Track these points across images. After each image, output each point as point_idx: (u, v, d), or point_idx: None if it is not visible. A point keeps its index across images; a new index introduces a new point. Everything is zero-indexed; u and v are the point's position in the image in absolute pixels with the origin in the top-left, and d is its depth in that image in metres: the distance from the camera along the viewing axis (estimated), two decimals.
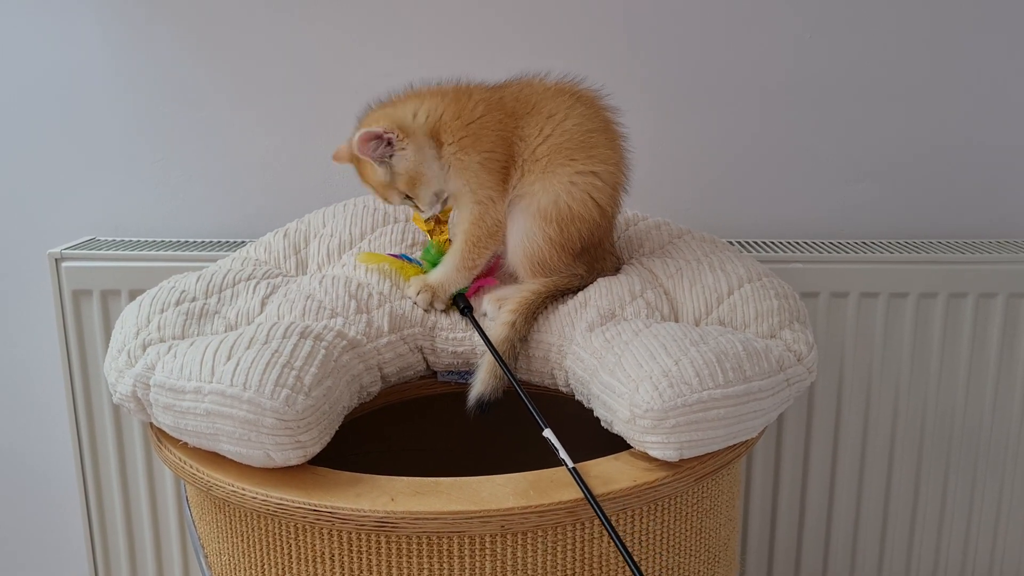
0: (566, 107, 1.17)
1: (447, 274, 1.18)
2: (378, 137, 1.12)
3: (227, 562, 1.01)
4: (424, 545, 0.90)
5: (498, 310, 1.16)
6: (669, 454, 0.93)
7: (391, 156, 1.13)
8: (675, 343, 0.99)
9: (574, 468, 0.92)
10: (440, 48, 1.60)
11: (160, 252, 1.53)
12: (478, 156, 1.14)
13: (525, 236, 1.16)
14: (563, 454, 0.94)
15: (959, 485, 1.60)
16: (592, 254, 1.20)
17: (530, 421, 1.00)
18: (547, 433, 0.96)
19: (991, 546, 1.63)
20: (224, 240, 1.63)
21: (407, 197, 1.17)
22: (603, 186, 1.16)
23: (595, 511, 0.89)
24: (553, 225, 1.15)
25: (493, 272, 1.22)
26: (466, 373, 1.15)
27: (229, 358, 0.94)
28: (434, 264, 1.21)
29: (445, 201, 1.18)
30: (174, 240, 1.63)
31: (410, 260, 1.22)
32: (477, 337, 1.13)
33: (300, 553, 0.93)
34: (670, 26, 1.59)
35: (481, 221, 1.16)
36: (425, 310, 1.16)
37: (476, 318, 1.15)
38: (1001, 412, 1.57)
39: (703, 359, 0.96)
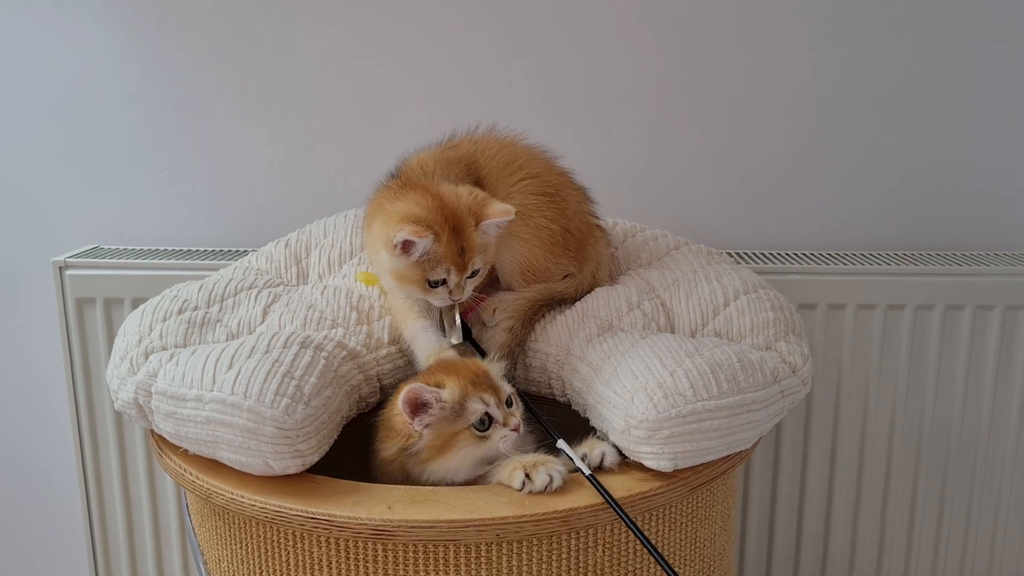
0: (489, 155, 1.22)
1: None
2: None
3: (226, 569, 1.02)
4: (420, 553, 0.91)
5: (492, 314, 1.18)
6: (663, 464, 0.94)
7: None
8: (670, 354, 1.00)
9: (591, 475, 0.93)
10: (443, 60, 1.61)
11: (163, 261, 1.54)
12: None
13: (506, 246, 1.19)
14: (579, 463, 0.95)
15: (956, 496, 1.60)
16: (576, 237, 1.22)
17: (529, 430, 1.02)
18: (561, 443, 0.98)
19: (988, 557, 1.63)
20: (227, 249, 1.64)
21: (471, 275, 1.13)
22: (533, 183, 1.20)
23: (619, 514, 0.90)
24: (516, 222, 1.16)
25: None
26: None
27: (230, 367, 0.96)
28: None
29: None
30: (177, 249, 1.64)
31: None
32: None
33: (298, 560, 0.94)
34: (672, 40, 1.60)
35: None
36: None
37: (473, 338, 1.17)
38: (998, 423, 1.57)
39: (697, 370, 0.97)
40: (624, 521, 0.90)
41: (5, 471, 1.77)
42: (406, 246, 1.05)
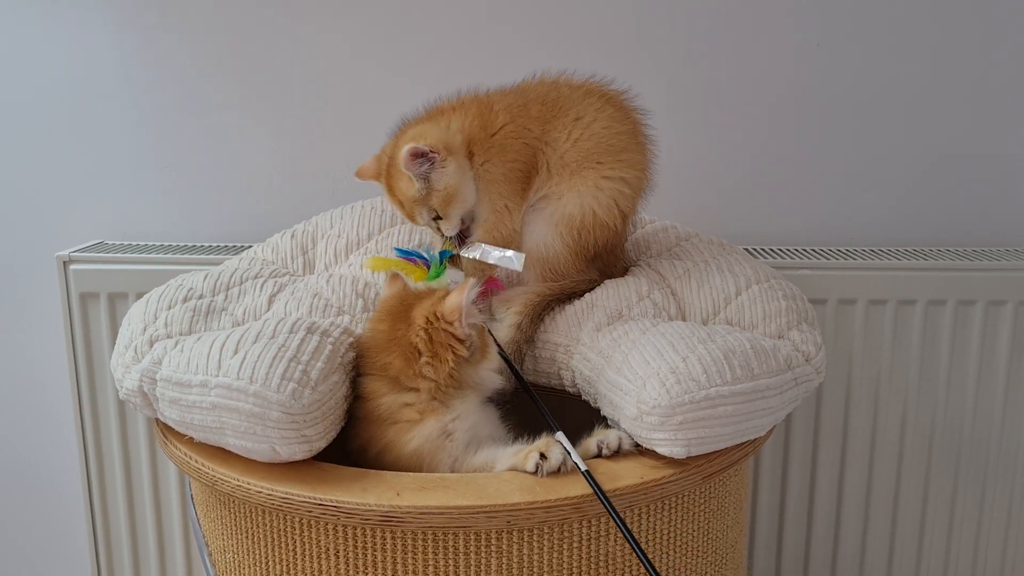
0: (595, 109, 1.16)
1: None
2: (423, 155, 1.10)
3: (231, 559, 1.00)
4: (430, 540, 0.89)
5: (506, 312, 1.16)
6: (676, 451, 0.92)
7: (431, 173, 1.11)
8: (682, 341, 0.99)
9: (587, 471, 0.91)
10: (448, 55, 1.61)
11: (167, 256, 1.53)
12: (502, 167, 1.14)
13: (541, 242, 1.16)
14: (575, 457, 0.93)
15: (968, 491, 1.58)
16: (605, 260, 1.20)
17: (539, 421, 1.00)
18: (559, 436, 0.96)
19: (1001, 550, 1.61)
20: (231, 244, 1.63)
21: (435, 217, 1.15)
22: (630, 193, 1.17)
23: (611, 514, 0.88)
24: (574, 233, 1.15)
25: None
26: None
27: (236, 352, 0.94)
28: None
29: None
30: (181, 244, 1.63)
31: (417, 256, 1.21)
32: None
33: (305, 548, 0.93)
34: (681, 36, 1.60)
35: (495, 230, 1.16)
36: None
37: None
38: (1010, 419, 1.56)
39: (711, 356, 0.95)
40: (611, 514, 0.88)
41: (7, 465, 1.76)
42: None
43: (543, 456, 0.92)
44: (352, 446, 1.01)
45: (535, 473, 0.91)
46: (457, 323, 0.96)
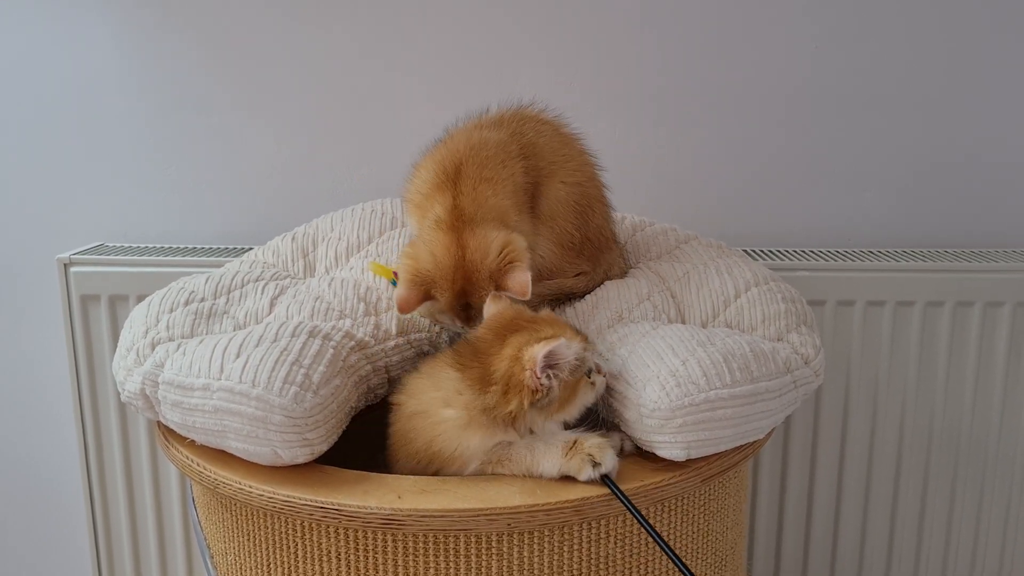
0: (536, 132, 1.20)
1: None
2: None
3: (233, 562, 1.01)
4: (431, 543, 0.90)
5: None
6: (676, 454, 0.93)
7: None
8: (682, 344, 0.99)
9: (606, 476, 0.91)
10: (448, 55, 1.61)
11: (168, 258, 1.54)
12: (517, 214, 1.16)
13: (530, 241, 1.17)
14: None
15: (966, 492, 1.59)
16: (594, 244, 1.21)
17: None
18: None
19: (1000, 551, 1.62)
20: (232, 247, 1.63)
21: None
22: (581, 181, 1.19)
23: (634, 515, 0.89)
24: (548, 223, 1.17)
25: None
26: None
27: (238, 355, 0.95)
28: None
29: None
30: (182, 246, 1.63)
31: None
32: None
33: (306, 552, 0.93)
34: (679, 36, 1.60)
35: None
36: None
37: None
38: (1008, 419, 1.56)
39: (710, 359, 0.96)
40: (637, 518, 0.89)
41: (8, 468, 1.76)
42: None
43: (595, 464, 0.90)
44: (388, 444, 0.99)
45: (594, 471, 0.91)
46: (531, 372, 0.91)
